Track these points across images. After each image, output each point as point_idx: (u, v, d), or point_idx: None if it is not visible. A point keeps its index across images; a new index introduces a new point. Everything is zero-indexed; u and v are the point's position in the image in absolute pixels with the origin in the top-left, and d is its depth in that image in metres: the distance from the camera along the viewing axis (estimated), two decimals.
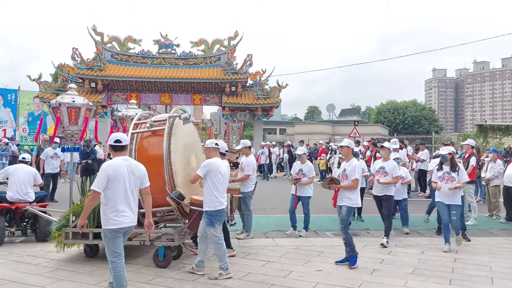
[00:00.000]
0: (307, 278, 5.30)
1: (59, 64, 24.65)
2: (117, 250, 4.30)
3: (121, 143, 4.51)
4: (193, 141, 6.88)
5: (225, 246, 5.45)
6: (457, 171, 6.88)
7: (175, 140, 6.10)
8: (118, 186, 4.30)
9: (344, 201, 5.99)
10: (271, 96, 25.10)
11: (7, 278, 5.19)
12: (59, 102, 7.33)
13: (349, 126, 38.20)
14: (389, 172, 7.37)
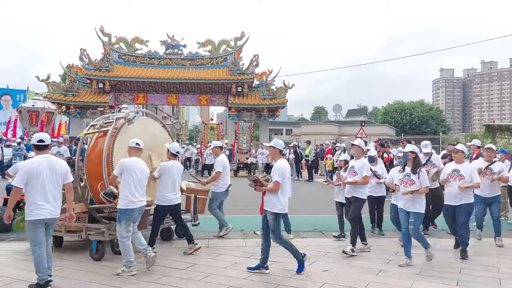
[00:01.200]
0: (313, 278, 5.29)
1: (67, 65, 24.84)
2: (36, 239, 4.78)
3: (44, 142, 4.93)
4: (157, 142, 6.97)
5: (129, 243, 5.42)
6: (418, 173, 5.94)
7: (123, 140, 6.26)
8: (37, 182, 4.74)
9: (267, 205, 5.47)
10: (277, 96, 25.09)
11: (13, 277, 5.24)
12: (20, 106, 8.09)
13: (356, 126, 38.09)
14: (357, 171, 6.76)
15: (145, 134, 6.71)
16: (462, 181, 6.42)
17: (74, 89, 24.18)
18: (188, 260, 6.07)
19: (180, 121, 62.47)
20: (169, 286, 4.97)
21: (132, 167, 5.54)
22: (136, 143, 5.81)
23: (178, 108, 60.54)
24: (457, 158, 6.74)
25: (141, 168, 5.66)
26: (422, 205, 6.00)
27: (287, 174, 5.58)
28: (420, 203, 5.98)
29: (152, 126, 7.37)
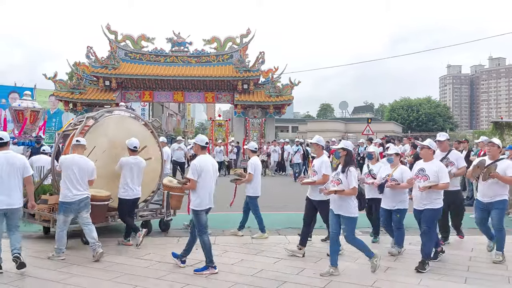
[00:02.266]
0: (320, 276, 5.28)
1: (74, 63, 24.94)
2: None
3: (3, 140, 5.46)
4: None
5: (64, 234, 5.95)
6: (346, 172, 5.28)
7: (93, 138, 6.85)
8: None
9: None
10: (284, 93, 25.03)
11: (23, 273, 5.28)
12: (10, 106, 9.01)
13: (362, 123, 37.97)
14: (317, 170, 6.15)
15: (119, 131, 7.16)
16: (427, 181, 5.56)
17: (81, 87, 24.29)
18: (195, 257, 6.07)
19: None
20: (176, 283, 5.00)
21: (70, 164, 5.96)
22: (76, 140, 6.25)
23: (184, 106, 60.63)
24: (424, 155, 5.82)
25: (80, 165, 6.00)
26: (352, 208, 5.28)
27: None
28: (350, 206, 5.27)
29: (130, 124, 7.68)
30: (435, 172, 5.57)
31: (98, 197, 6.56)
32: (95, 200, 6.43)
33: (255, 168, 7.42)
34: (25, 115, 9.24)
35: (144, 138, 7.51)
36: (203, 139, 5.73)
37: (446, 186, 5.60)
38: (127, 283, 4.99)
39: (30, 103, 9.31)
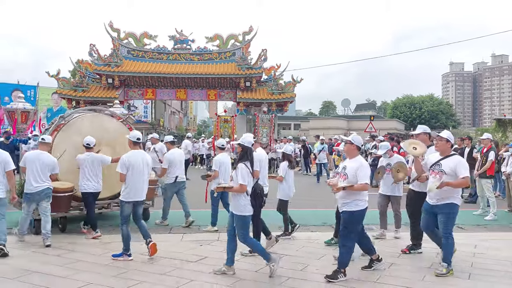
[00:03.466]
0: (324, 272, 5.29)
1: (77, 61, 25.00)
2: None
3: None
4: (111, 136, 8.00)
5: (27, 219, 6.68)
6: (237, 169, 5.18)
7: (66, 136, 7.74)
8: None
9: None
10: (286, 91, 25.04)
11: (32, 269, 5.33)
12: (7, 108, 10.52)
13: (365, 121, 37.95)
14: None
15: (94, 129, 7.71)
16: (346, 181, 5.09)
17: (84, 85, 24.35)
18: (200, 253, 6.13)
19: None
20: (181, 279, 5.03)
21: (34, 159, 6.64)
22: (41, 138, 7.05)
23: (187, 103, 60.71)
24: (347, 152, 5.31)
25: (43, 160, 6.66)
26: (241, 207, 5.09)
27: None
28: (240, 204, 5.09)
29: (106, 122, 8.35)
30: (354, 171, 5.04)
31: (61, 189, 7.29)
32: (59, 191, 7.16)
33: (220, 165, 7.30)
34: (15, 116, 10.30)
35: (122, 133, 7.79)
36: (135, 134, 6.21)
37: (361, 187, 4.98)
38: (132, 278, 5.03)
39: (21, 104, 10.43)
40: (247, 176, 5.08)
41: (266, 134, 22.07)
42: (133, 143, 6.04)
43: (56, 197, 7.02)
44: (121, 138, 7.57)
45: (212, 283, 4.90)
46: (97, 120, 8.32)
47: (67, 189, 7.35)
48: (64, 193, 7.31)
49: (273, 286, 4.86)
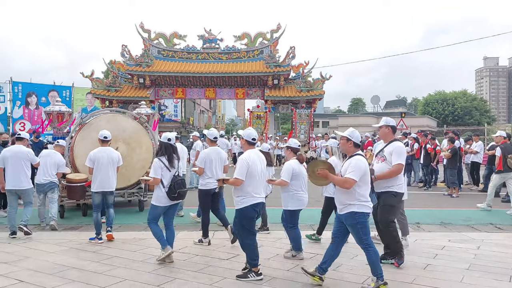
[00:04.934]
0: (356, 272, 5.24)
1: (110, 61, 25.62)
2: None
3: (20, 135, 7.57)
4: (126, 134, 9.08)
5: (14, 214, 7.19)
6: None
7: (86, 133, 9.05)
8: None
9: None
10: (314, 88, 24.82)
11: (69, 265, 5.50)
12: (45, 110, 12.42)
13: (395, 118, 37.17)
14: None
15: (110, 128, 8.38)
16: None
17: (116, 85, 24.92)
18: (231, 251, 6.16)
19: (217, 114, 63.12)
20: (214, 276, 5.07)
21: (46, 157, 7.76)
22: (57, 141, 8.58)
23: (215, 102, 61.19)
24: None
25: (54, 159, 7.86)
26: (155, 197, 5.65)
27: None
28: (154, 194, 5.70)
29: (122, 121, 9.47)
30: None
31: (76, 180, 8.44)
32: (73, 182, 8.42)
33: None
34: (50, 117, 11.45)
35: (136, 131, 9.32)
36: (103, 133, 7.04)
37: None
38: (166, 275, 5.10)
39: (57, 107, 11.52)
40: (159, 169, 5.62)
41: (305, 131, 20.51)
42: (101, 141, 7.02)
43: (71, 187, 8.41)
44: (135, 135, 9.23)
45: (246, 280, 4.91)
46: (113, 119, 9.45)
47: (81, 180, 8.38)
48: (78, 183, 8.42)
49: (305, 286, 4.82)
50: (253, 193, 4.93)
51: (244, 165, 4.89)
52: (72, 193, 8.53)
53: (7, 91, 24.96)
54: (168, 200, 5.63)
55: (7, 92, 24.93)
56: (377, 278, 4.56)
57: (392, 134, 5.53)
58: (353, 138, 4.71)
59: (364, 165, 4.56)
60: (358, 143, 4.73)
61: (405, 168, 5.61)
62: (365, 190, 4.60)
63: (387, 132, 5.52)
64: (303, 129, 20.51)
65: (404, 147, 5.49)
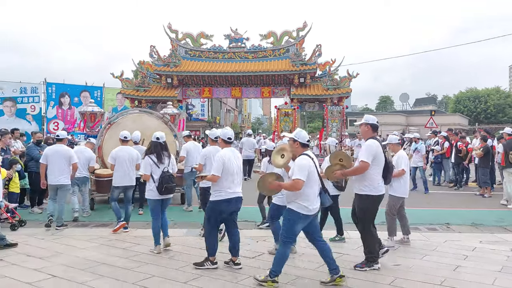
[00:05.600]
0: (384, 272, 5.17)
1: (139, 62, 26.13)
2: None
3: (59, 137, 7.99)
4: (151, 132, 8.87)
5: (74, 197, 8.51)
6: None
7: (114, 132, 9.53)
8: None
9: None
10: (341, 86, 24.54)
11: (99, 261, 5.67)
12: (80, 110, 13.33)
13: (425, 116, 36.32)
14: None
15: (136, 126, 9.52)
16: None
17: (145, 85, 25.37)
18: (256, 249, 6.20)
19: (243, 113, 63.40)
20: (239, 274, 5.11)
21: (78, 154, 8.30)
22: (88, 138, 9.77)
23: (241, 101, 61.41)
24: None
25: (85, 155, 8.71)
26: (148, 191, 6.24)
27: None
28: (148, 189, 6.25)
29: (146, 120, 10.33)
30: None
31: (103, 175, 9.26)
32: (101, 177, 9.27)
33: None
34: (85, 117, 12.17)
35: (161, 130, 9.20)
36: (123, 134, 7.71)
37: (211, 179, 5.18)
38: (193, 272, 5.18)
39: (90, 107, 12.25)
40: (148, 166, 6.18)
41: (337, 129, 19.03)
42: (121, 141, 7.67)
43: (99, 181, 9.35)
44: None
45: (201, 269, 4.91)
46: (139, 119, 10.33)
47: (109, 175, 8.78)
48: (106, 178, 9.09)
49: (330, 286, 4.80)
50: (228, 188, 5.16)
51: (220, 162, 5.13)
52: (100, 187, 9.41)
53: (42, 92, 25.85)
54: (158, 194, 6.06)
55: (41, 92, 25.82)
56: (270, 273, 4.71)
57: (372, 132, 5.42)
58: (300, 139, 4.74)
59: (307, 163, 4.59)
60: (305, 143, 4.77)
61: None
62: (310, 189, 4.62)
63: (366, 130, 5.45)
64: (335, 126, 19.29)
65: (375, 145, 5.19)
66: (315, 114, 51.90)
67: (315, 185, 4.68)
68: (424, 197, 11.41)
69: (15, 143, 10.10)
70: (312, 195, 4.64)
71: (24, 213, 8.92)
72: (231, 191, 5.21)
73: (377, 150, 5.19)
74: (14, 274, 5.11)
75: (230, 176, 5.19)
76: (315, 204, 4.68)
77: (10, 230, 7.25)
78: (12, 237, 6.62)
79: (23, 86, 25.51)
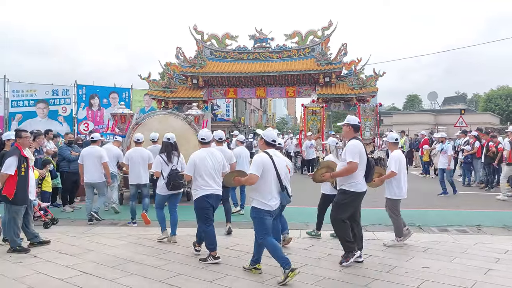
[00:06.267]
0: (413, 275, 5.08)
1: (165, 63, 26.53)
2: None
3: (94, 138, 8.74)
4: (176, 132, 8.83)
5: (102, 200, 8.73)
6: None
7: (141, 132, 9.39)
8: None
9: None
10: (367, 85, 24.24)
11: (128, 258, 5.79)
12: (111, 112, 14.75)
13: (454, 115, 35.36)
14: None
15: (161, 126, 9.87)
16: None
17: (171, 86, 25.77)
18: (283, 250, 6.18)
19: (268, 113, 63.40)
20: (265, 274, 5.12)
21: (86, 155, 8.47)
22: (115, 137, 10.56)
23: (266, 101, 61.42)
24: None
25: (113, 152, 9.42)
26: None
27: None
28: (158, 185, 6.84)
29: (172, 121, 10.77)
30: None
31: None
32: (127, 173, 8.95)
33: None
34: (115, 119, 13.19)
35: (185, 130, 10.36)
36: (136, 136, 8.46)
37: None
38: (219, 271, 5.23)
39: (120, 110, 13.22)
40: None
41: (370, 128, 18.19)
42: (135, 143, 8.44)
43: (126, 178, 9.41)
44: (183, 133, 10.01)
45: (296, 280, 4.93)
46: (165, 120, 10.90)
47: None
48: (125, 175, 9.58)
49: (356, 287, 4.76)
50: (203, 185, 5.62)
51: (191, 163, 5.67)
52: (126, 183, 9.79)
53: (73, 94, 26.59)
54: (167, 190, 6.54)
55: (72, 94, 26.56)
56: (251, 260, 5.15)
57: (353, 133, 5.57)
58: (265, 137, 5.06)
59: (262, 160, 4.85)
60: (269, 141, 5.04)
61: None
62: (265, 186, 4.86)
63: (348, 131, 5.61)
64: (368, 125, 18.40)
65: (359, 145, 5.39)
66: (340, 114, 51.36)
67: (272, 183, 4.90)
68: (453, 198, 11.14)
69: (47, 144, 10.44)
70: (269, 192, 4.88)
71: (56, 211, 9.22)
72: (208, 188, 5.64)
73: (361, 149, 5.38)
74: (47, 270, 5.30)
75: (204, 175, 5.62)
76: (274, 201, 4.92)
77: (43, 228, 7.50)
78: (45, 235, 6.85)
79: (55, 88, 26.29)
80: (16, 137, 6.36)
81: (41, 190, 8.96)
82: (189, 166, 5.68)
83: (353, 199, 5.45)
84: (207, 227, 5.66)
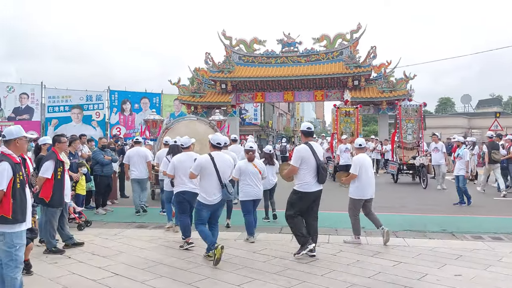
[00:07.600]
0: (445, 283, 4.95)
1: (194, 69, 26.98)
2: None
3: (139, 140, 10.47)
4: (200, 136, 10.09)
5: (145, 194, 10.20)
6: None
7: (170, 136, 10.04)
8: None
9: None
10: (397, 88, 23.86)
11: (158, 261, 5.91)
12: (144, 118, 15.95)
13: (489, 118, 34.27)
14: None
15: (188, 131, 10.32)
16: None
17: (200, 91, 26.15)
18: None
19: (295, 117, 63.22)
20: (293, 279, 5.12)
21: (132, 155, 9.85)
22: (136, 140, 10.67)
23: (294, 105, 61.26)
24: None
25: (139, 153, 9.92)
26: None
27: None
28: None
29: (197, 126, 11.60)
30: None
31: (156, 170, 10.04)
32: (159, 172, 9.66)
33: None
34: (148, 124, 14.58)
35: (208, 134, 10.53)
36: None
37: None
38: (247, 276, 5.26)
39: (152, 116, 14.72)
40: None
41: (412, 131, 16.08)
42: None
43: (157, 175, 10.22)
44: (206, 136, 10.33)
45: (324, 285, 4.90)
46: (191, 124, 11.73)
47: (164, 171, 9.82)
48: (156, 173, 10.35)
49: None
50: (179, 183, 6.54)
51: (171, 164, 6.70)
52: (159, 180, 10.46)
53: (105, 99, 27.39)
54: (171, 187, 7.24)
55: (105, 100, 27.36)
56: (208, 249, 5.92)
57: (304, 138, 6.14)
58: (212, 141, 6.11)
59: (201, 161, 5.95)
60: (215, 144, 6.08)
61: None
62: (205, 183, 5.92)
63: (301, 136, 6.28)
64: (411, 128, 16.19)
65: (303, 150, 5.92)
66: (370, 118, 50.64)
67: (212, 181, 5.86)
68: (487, 204, 10.78)
69: (82, 147, 10.79)
70: (209, 188, 5.88)
71: (90, 214, 9.50)
72: (183, 185, 6.53)
73: (304, 154, 5.89)
74: (81, 271, 5.47)
75: (181, 174, 6.50)
76: (213, 196, 5.88)
77: (77, 230, 7.75)
78: (79, 237, 7.09)
79: (88, 94, 27.18)
80: (55, 142, 6.60)
81: (75, 193, 9.26)
82: (170, 167, 6.73)
83: (301, 198, 5.96)
84: (183, 218, 6.57)
